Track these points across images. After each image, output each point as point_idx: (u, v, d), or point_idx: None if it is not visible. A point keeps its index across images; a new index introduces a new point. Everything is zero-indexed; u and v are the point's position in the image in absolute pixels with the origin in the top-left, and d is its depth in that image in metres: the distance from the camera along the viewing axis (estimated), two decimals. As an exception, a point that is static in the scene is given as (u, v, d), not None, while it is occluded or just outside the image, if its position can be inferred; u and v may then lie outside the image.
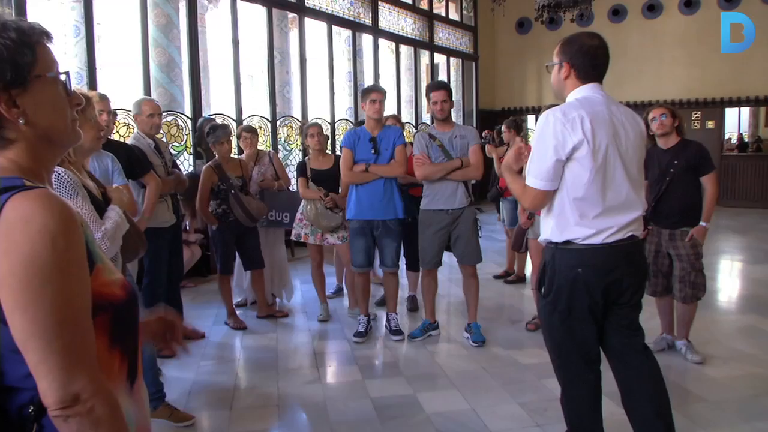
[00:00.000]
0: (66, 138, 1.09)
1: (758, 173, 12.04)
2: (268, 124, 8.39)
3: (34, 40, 1.01)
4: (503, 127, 6.19)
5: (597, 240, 2.27)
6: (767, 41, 11.70)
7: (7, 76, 0.97)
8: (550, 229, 2.36)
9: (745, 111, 13.25)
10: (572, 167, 2.25)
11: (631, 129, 2.32)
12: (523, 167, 2.46)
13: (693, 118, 12.48)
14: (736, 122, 13.30)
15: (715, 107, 12.21)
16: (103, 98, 3.64)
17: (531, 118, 14.14)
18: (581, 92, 2.33)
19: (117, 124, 5.83)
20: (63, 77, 1.07)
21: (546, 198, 2.32)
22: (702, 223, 3.83)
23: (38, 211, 0.90)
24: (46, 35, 1.04)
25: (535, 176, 2.28)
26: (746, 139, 13.62)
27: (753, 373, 3.70)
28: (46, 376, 0.90)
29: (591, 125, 2.20)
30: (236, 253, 4.98)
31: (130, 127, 6.10)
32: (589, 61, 2.33)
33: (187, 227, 6.06)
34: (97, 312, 0.98)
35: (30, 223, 0.89)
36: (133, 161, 3.80)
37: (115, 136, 5.59)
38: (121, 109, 5.92)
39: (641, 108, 12.58)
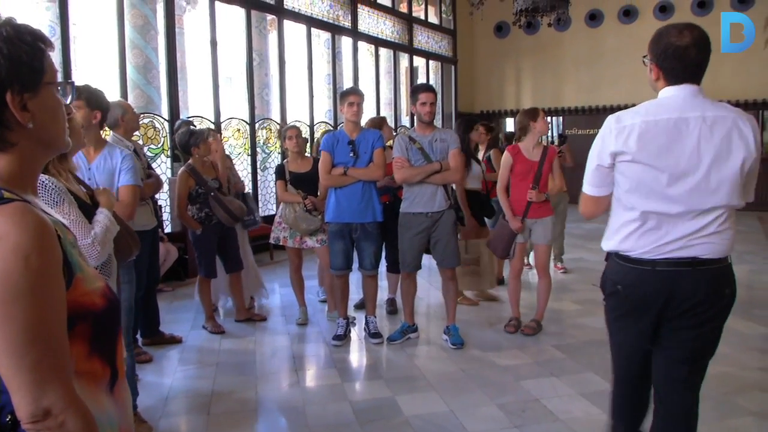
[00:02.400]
0: (61, 144, 1.11)
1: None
2: (247, 127, 8.35)
3: (44, 46, 1.03)
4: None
5: (641, 256, 2.09)
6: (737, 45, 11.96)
7: (25, 80, 0.99)
8: (606, 236, 2.23)
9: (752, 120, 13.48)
10: (616, 176, 2.12)
11: (715, 131, 1.99)
12: None
13: (668, 122, 12.61)
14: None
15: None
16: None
17: (509, 120, 14.26)
18: (664, 94, 2.09)
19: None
20: (61, 86, 1.09)
21: (595, 204, 2.21)
22: None
23: (12, 229, 0.90)
24: (51, 44, 1.06)
25: (585, 180, 2.21)
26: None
27: (725, 372, 3.76)
28: (18, 390, 0.90)
29: (637, 135, 2.01)
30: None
31: (106, 131, 6.02)
32: (678, 64, 2.02)
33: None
34: (77, 322, 0.99)
35: (3, 241, 0.89)
36: None
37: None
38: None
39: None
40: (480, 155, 6.03)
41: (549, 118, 14.30)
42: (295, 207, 4.82)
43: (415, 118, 4.48)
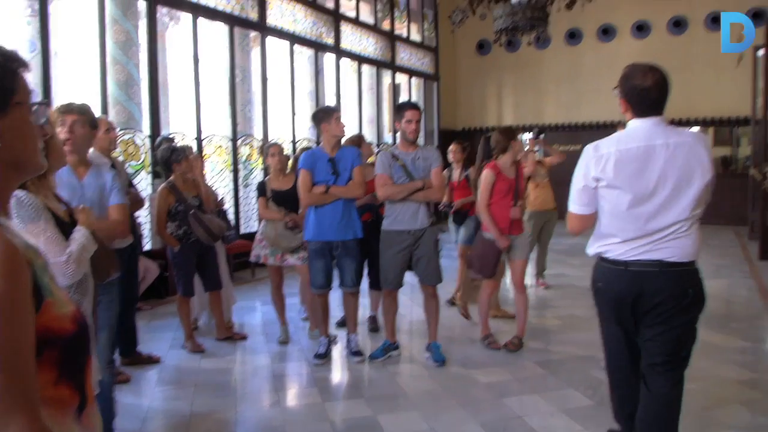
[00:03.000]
0: (33, 167, 1.09)
1: (708, 191, 12.42)
2: (229, 143, 8.33)
3: (16, 66, 1.02)
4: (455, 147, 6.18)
5: (618, 258, 2.45)
6: (714, 65, 12.22)
7: None
8: (591, 241, 2.59)
9: (695, 130, 13.77)
10: (599, 196, 2.47)
11: (676, 156, 2.34)
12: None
13: (646, 139, 12.82)
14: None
15: (667, 127, 12.61)
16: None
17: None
18: (632, 125, 2.46)
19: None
20: (36, 107, 1.07)
21: (581, 222, 2.54)
22: None
23: None
24: (25, 64, 1.04)
25: (571, 200, 2.54)
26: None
27: (704, 387, 3.80)
28: None
29: (615, 163, 2.37)
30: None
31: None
32: (643, 102, 2.40)
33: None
34: (46, 347, 0.97)
35: None
36: None
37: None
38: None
39: (601, 128, 12.95)
40: (455, 174, 6.01)
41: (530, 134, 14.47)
42: (276, 224, 4.80)
43: (398, 135, 4.47)
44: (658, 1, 12.90)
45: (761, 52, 9.05)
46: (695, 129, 13.31)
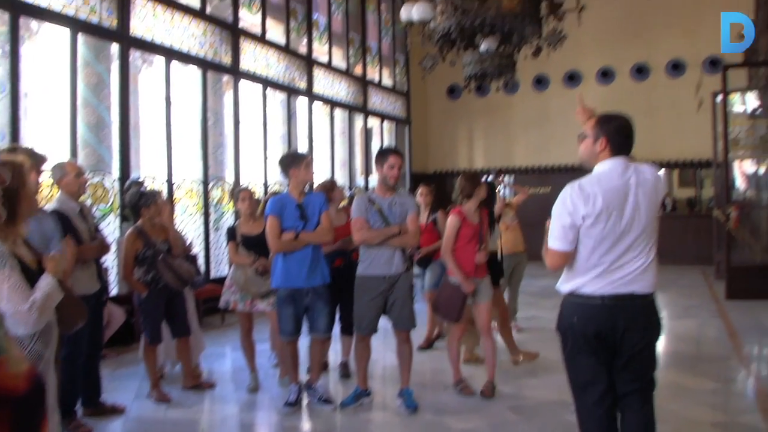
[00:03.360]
0: None
1: (674, 231, 12.71)
2: (200, 186, 8.28)
3: None
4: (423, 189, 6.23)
5: (593, 293, 2.55)
6: (676, 110, 12.63)
7: None
8: (561, 280, 2.68)
9: (660, 173, 14.11)
10: (582, 233, 2.55)
11: (650, 192, 2.57)
12: None
13: (613, 181, 13.12)
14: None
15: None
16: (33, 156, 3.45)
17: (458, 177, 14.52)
18: (607, 165, 2.60)
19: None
20: None
21: (562, 258, 2.60)
22: None
23: None
24: None
25: (553, 237, 2.59)
26: (664, 201, 14.39)
27: (676, 429, 3.80)
28: None
29: (602, 201, 2.50)
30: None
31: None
32: (624, 138, 2.61)
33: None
34: None
35: None
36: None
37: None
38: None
39: (569, 171, 13.20)
40: (422, 217, 6.02)
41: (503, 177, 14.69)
42: (246, 269, 4.75)
43: (377, 179, 4.46)
44: (621, 48, 13.38)
45: (720, 98, 9.37)
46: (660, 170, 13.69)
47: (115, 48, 7.13)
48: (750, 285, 8.45)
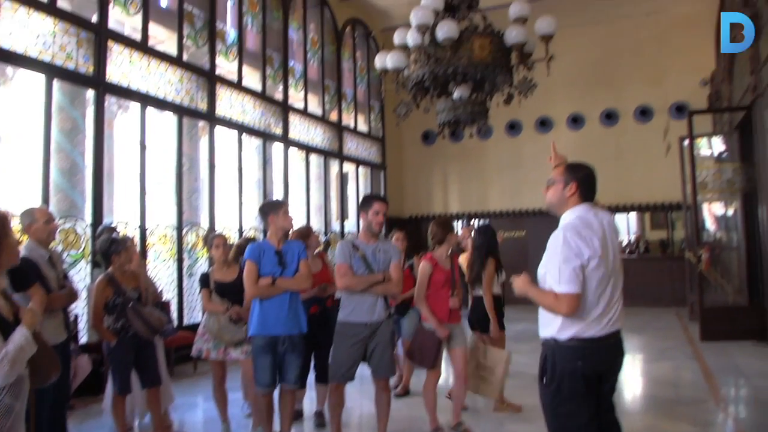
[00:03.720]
0: None
1: (648, 273, 12.86)
2: (174, 232, 8.20)
3: None
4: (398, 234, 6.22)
5: (596, 335, 2.63)
6: (645, 154, 12.94)
7: None
8: (556, 327, 2.66)
9: (632, 216, 14.32)
10: (586, 275, 2.62)
11: (615, 234, 2.78)
12: None
13: (587, 225, 13.30)
14: (625, 227, 14.31)
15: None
16: None
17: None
18: (579, 211, 2.74)
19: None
20: None
21: (577, 301, 2.59)
22: None
23: None
24: None
25: (568, 282, 2.57)
26: (636, 241, 14.52)
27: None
28: None
29: (599, 242, 2.63)
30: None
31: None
32: (591, 186, 2.80)
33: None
34: None
35: None
36: (16, 272, 3.56)
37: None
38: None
39: (543, 215, 13.36)
40: None
41: (476, 221, 14.81)
42: (219, 317, 4.66)
43: (362, 226, 4.42)
44: (590, 95, 13.76)
45: (687, 142, 9.64)
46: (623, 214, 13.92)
47: (90, 94, 7.14)
48: (723, 326, 8.54)
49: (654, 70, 13.24)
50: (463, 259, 5.92)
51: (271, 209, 4.34)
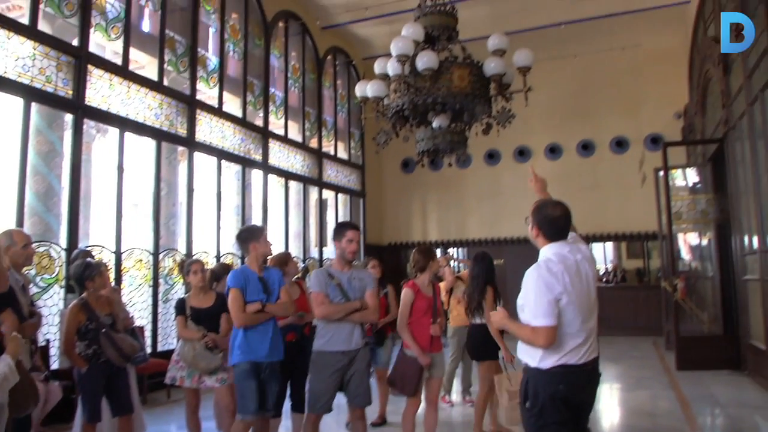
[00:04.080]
0: None
1: (625, 302, 12.98)
2: (150, 257, 8.09)
3: None
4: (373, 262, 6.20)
5: (576, 363, 2.73)
6: (621, 184, 13.15)
7: None
8: (538, 357, 2.75)
9: (609, 245, 14.45)
10: (560, 308, 2.71)
11: (590, 267, 2.86)
12: None
13: (565, 253, 13.43)
14: (602, 256, 14.44)
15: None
16: None
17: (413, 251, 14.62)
18: (553, 249, 2.83)
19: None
20: None
21: (553, 333, 2.68)
22: None
23: None
24: None
25: (544, 316, 2.67)
26: (613, 270, 14.64)
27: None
28: None
29: (569, 278, 2.71)
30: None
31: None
32: (553, 228, 2.85)
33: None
34: None
35: None
36: None
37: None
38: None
39: (522, 243, 13.44)
40: None
41: (454, 249, 14.86)
42: (194, 344, 4.58)
43: (335, 254, 4.37)
44: (567, 126, 13.99)
45: (662, 173, 9.81)
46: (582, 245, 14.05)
47: (69, 117, 7.09)
48: (699, 356, 8.61)
49: (629, 102, 13.53)
50: (441, 287, 5.93)
51: (252, 236, 4.30)
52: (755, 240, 7.40)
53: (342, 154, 13.93)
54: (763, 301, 7.08)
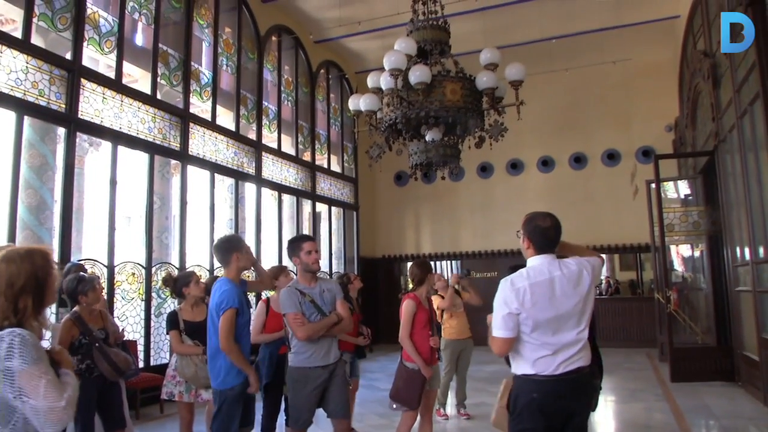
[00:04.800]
0: None
1: (618, 314, 13.01)
2: (143, 271, 8.06)
3: None
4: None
5: (547, 372, 2.77)
6: (613, 197, 13.21)
7: None
8: (516, 365, 2.88)
9: (603, 257, 14.49)
10: (521, 323, 2.80)
11: (571, 282, 2.84)
12: None
13: (558, 266, 13.47)
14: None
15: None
16: None
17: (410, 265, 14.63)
18: (534, 261, 2.90)
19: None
20: None
21: (507, 344, 2.82)
22: None
23: None
24: None
25: (496, 327, 2.82)
26: (608, 282, 14.68)
27: None
28: None
29: (530, 295, 2.77)
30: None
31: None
32: (544, 239, 2.91)
33: None
34: None
35: None
36: None
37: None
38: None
39: (515, 255, 13.46)
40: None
41: (448, 262, 14.85)
42: (194, 359, 4.54)
43: (297, 270, 4.26)
44: (559, 139, 14.07)
45: (653, 186, 9.87)
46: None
47: (61, 130, 7.08)
48: (693, 367, 8.63)
49: (621, 115, 13.63)
50: (436, 301, 5.94)
51: (235, 246, 4.10)
52: (747, 251, 7.44)
53: (335, 167, 13.95)
54: (756, 313, 7.11)
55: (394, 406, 4.56)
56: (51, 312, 6.55)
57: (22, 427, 1.99)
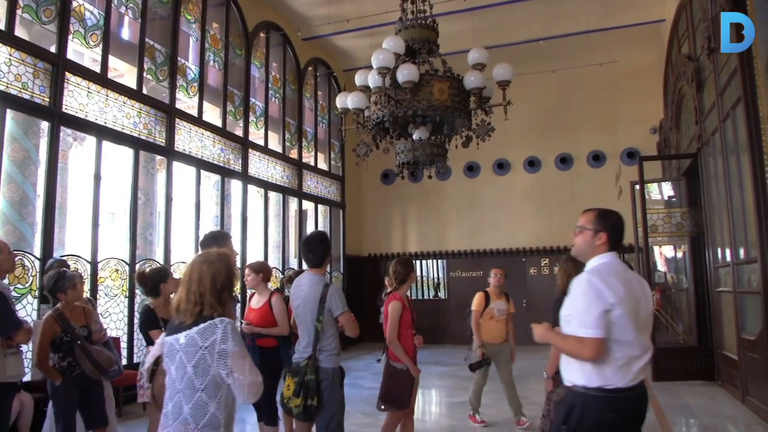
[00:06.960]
0: None
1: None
2: (126, 267, 8.00)
3: None
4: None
5: (625, 386, 2.52)
6: (598, 197, 13.28)
7: None
8: (585, 375, 2.56)
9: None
10: (612, 322, 2.52)
11: (642, 290, 2.68)
12: None
13: (542, 265, 13.58)
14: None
15: (560, 254, 13.38)
16: None
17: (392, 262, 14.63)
18: (606, 258, 2.69)
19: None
20: None
21: (602, 345, 2.50)
22: None
23: None
24: None
25: (591, 326, 2.49)
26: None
27: None
28: None
29: (623, 288, 2.54)
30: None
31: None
32: (621, 235, 2.75)
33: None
34: None
35: None
36: None
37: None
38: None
39: (501, 254, 13.52)
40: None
41: (434, 261, 14.88)
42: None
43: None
44: (546, 140, 14.15)
45: (638, 187, 9.95)
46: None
47: (45, 125, 7.00)
48: (674, 366, 8.72)
49: (606, 117, 13.74)
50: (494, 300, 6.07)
51: (222, 241, 3.86)
52: (728, 253, 7.54)
53: (322, 165, 13.92)
54: (736, 313, 7.21)
55: (383, 407, 4.56)
56: (33, 309, 6.50)
57: (224, 400, 2.39)
